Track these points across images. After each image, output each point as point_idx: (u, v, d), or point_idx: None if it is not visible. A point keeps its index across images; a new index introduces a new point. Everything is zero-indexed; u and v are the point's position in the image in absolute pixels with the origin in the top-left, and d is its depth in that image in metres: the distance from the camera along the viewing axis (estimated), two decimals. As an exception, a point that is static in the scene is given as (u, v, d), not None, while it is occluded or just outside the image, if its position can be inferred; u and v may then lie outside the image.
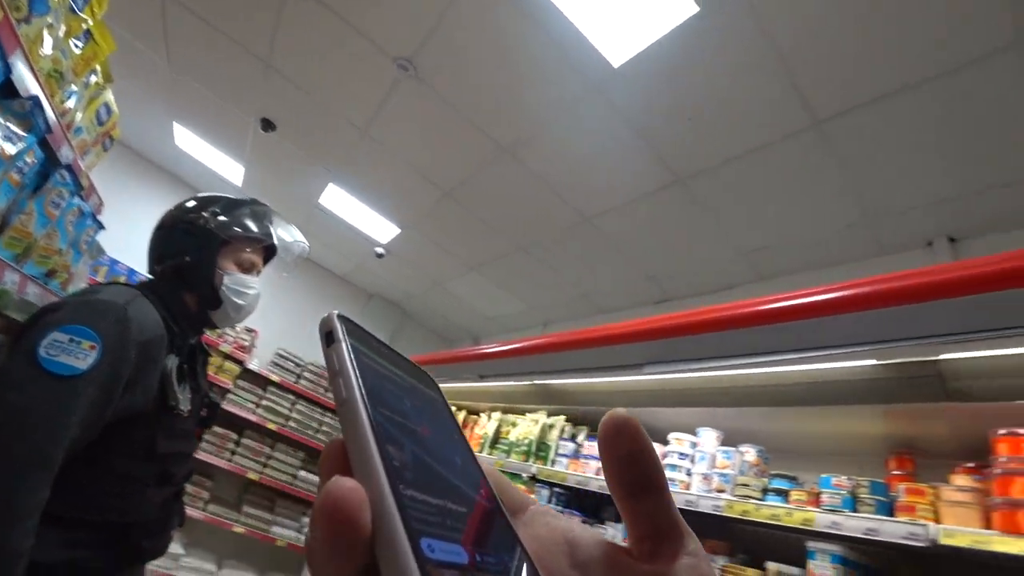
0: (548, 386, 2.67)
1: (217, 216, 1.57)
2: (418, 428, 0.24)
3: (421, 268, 5.26)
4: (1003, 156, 2.55)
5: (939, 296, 1.38)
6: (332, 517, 0.17)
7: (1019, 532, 1.30)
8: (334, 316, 0.24)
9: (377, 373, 0.23)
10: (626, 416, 0.26)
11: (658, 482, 0.26)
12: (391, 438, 0.20)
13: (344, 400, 0.20)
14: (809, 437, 2.08)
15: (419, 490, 0.20)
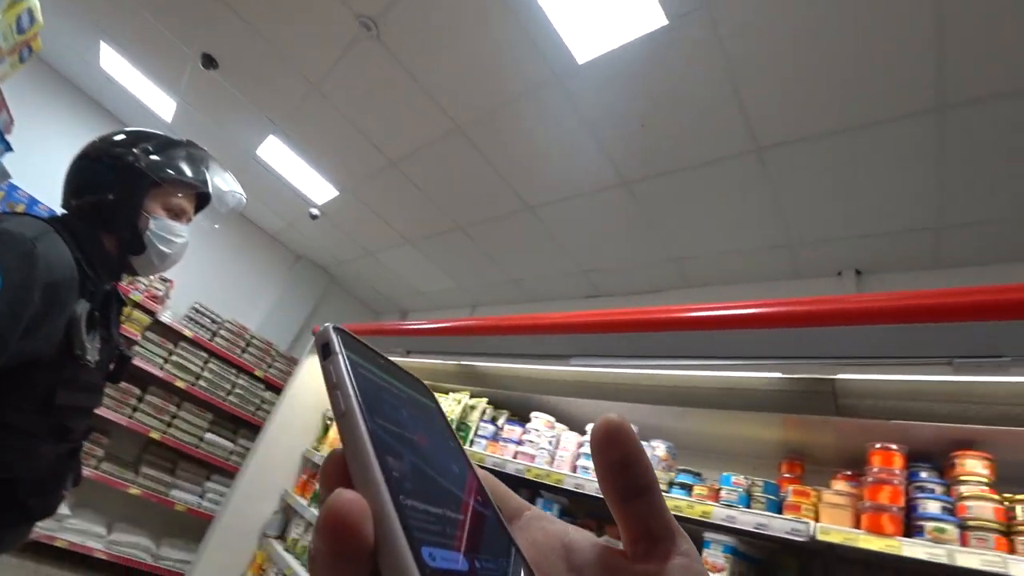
0: (474, 368, 2.69)
1: (149, 154, 1.46)
2: (415, 438, 0.24)
3: (355, 235, 5.13)
4: (910, 206, 2.82)
5: (840, 323, 1.53)
6: (336, 529, 0.18)
7: (882, 532, 1.47)
8: (330, 329, 0.24)
9: (374, 384, 0.24)
10: (618, 422, 0.26)
11: (650, 485, 0.26)
12: (390, 449, 0.21)
13: (343, 413, 0.21)
14: (714, 437, 2.24)
15: (419, 499, 0.20)
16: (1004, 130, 2.34)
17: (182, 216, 1.55)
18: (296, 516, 3.49)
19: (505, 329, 2.22)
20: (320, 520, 0.18)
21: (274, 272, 6.16)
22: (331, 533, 0.18)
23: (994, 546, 1.40)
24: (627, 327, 1.85)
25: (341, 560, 0.18)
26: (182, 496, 4.68)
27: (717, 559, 1.71)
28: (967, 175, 2.59)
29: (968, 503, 1.49)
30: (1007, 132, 2.34)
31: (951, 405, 1.59)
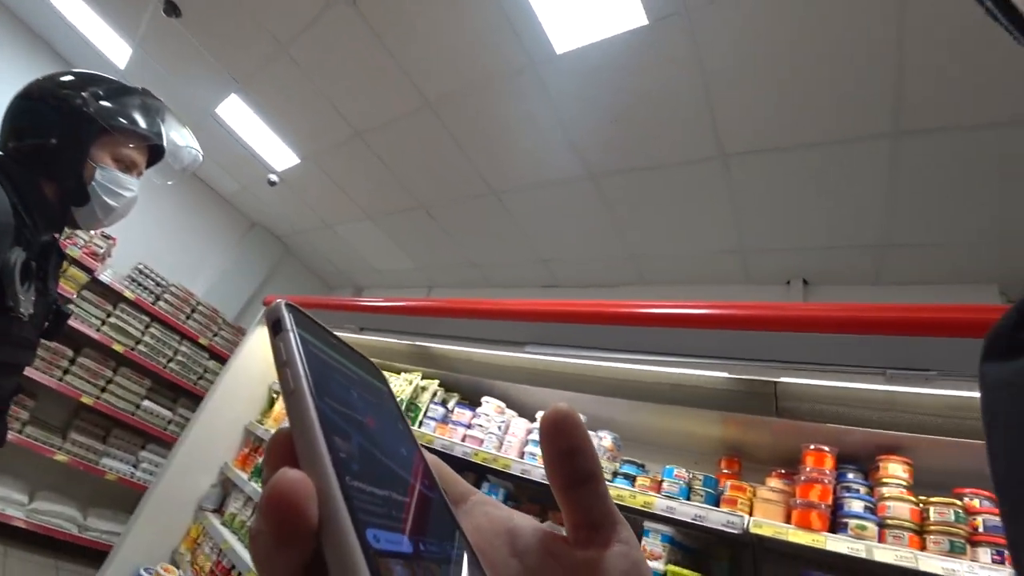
0: (428, 349, 2.68)
1: (100, 99, 1.37)
2: (364, 419, 0.24)
3: (314, 205, 4.99)
4: (857, 223, 2.96)
5: (785, 329, 1.61)
6: (280, 508, 0.17)
7: (810, 527, 1.56)
8: (282, 305, 0.23)
9: (324, 363, 0.23)
10: (566, 411, 0.27)
11: (595, 474, 0.27)
12: (338, 429, 0.20)
13: (292, 391, 0.20)
14: (659, 431, 2.31)
15: (365, 481, 0.20)
16: (951, 161, 2.47)
17: (132, 169, 1.46)
18: (235, 490, 3.40)
19: (462, 312, 2.21)
20: (263, 499, 0.18)
21: (226, 237, 5.93)
22: (274, 512, 0.17)
23: (908, 543, 1.51)
24: (583, 319, 1.87)
25: (283, 540, 0.18)
26: (114, 465, 4.47)
27: (655, 547, 1.78)
28: (914, 199, 2.73)
29: (888, 503, 1.59)
30: (954, 164, 2.48)
31: (881, 412, 1.69)
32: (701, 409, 1.93)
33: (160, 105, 1.55)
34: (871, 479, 1.75)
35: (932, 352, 1.44)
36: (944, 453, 1.72)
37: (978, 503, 1.57)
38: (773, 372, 1.66)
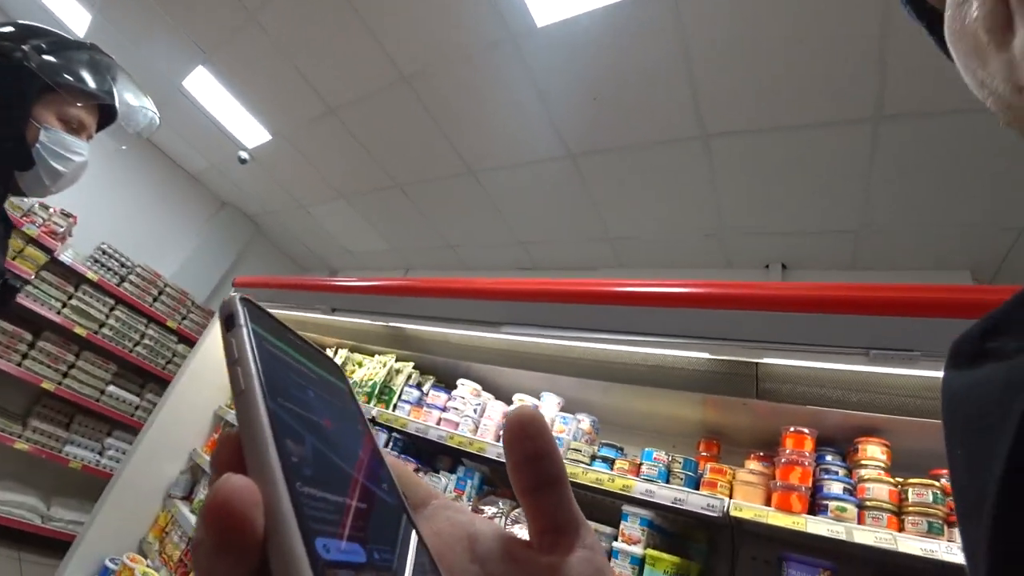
0: (402, 331, 2.60)
1: (43, 54, 1.26)
2: (321, 420, 0.23)
3: (286, 184, 4.84)
4: (836, 208, 2.96)
5: (767, 308, 1.58)
6: (221, 517, 0.16)
7: (790, 510, 1.54)
8: (236, 299, 0.22)
9: (280, 362, 0.22)
10: (532, 414, 0.27)
11: (559, 478, 0.27)
12: (290, 432, 0.19)
13: (241, 391, 0.19)
14: (637, 414, 2.27)
15: (317, 487, 0.19)
16: (932, 147, 2.47)
17: (81, 131, 1.36)
18: (205, 476, 3.31)
19: (437, 292, 2.14)
20: (204, 507, 0.17)
21: (195, 217, 5.73)
22: (216, 522, 0.16)
23: (887, 524, 1.50)
24: (561, 298, 1.82)
25: (226, 551, 0.16)
26: (78, 453, 4.32)
27: (634, 531, 1.75)
28: (892, 185, 2.73)
29: (868, 485, 1.58)
30: (934, 149, 2.48)
31: (861, 394, 1.67)
32: (681, 391, 1.89)
33: (111, 62, 1.43)
34: (849, 461, 1.75)
35: (915, 332, 1.42)
36: (921, 435, 1.71)
37: (954, 484, 1.57)
38: (755, 353, 1.63)
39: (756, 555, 1.95)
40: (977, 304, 1.37)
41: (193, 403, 3.49)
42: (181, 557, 3.02)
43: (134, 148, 5.13)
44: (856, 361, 1.49)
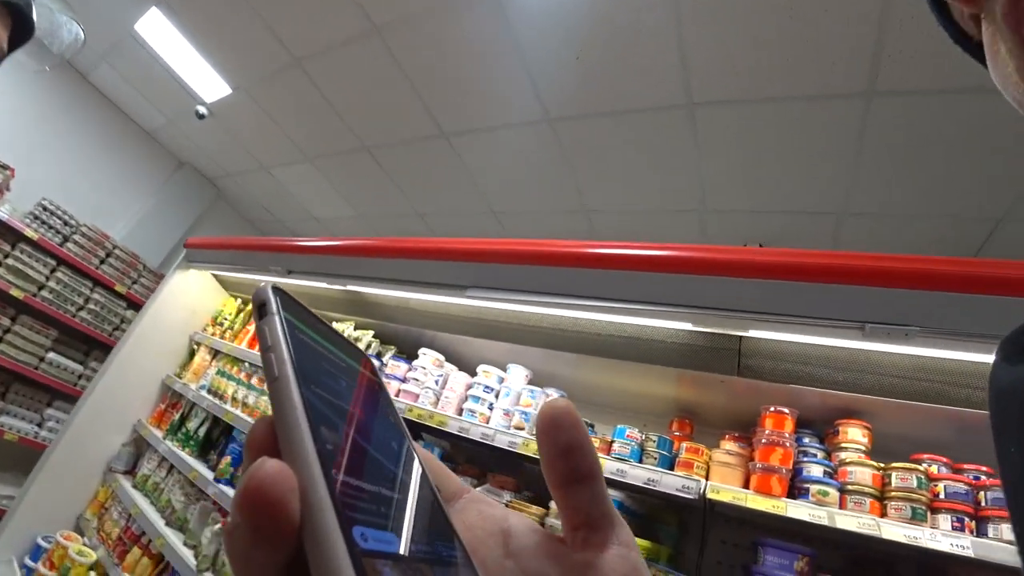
0: (361, 296, 2.42)
1: None
2: (353, 410, 0.23)
3: (248, 144, 4.55)
4: (819, 189, 2.88)
5: (753, 275, 1.46)
6: (257, 503, 0.16)
7: (770, 493, 1.44)
8: (268, 288, 0.22)
9: (312, 351, 0.22)
10: (565, 405, 0.26)
11: (593, 473, 0.26)
12: (325, 419, 0.19)
13: (276, 377, 0.19)
14: (606, 390, 2.16)
15: (352, 475, 0.19)
16: (922, 128, 2.39)
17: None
18: (149, 450, 3.11)
19: (400, 252, 1.96)
20: (239, 492, 0.16)
21: (150, 177, 5.38)
22: (251, 507, 0.16)
23: (869, 509, 1.41)
24: (531, 259, 1.67)
25: (261, 538, 0.16)
26: (14, 424, 4.04)
27: (602, 513, 1.63)
28: (879, 166, 2.65)
29: (850, 468, 1.49)
30: (924, 131, 2.40)
31: (847, 373, 1.57)
32: (657, 366, 1.77)
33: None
34: (828, 444, 1.67)
35: (914, 306, 1.32)
36: (903, 418, 1.64)
37: (936, 469, 1.50)
38: (740, 325, 1.51)
39: (727, 539, 1.86)
40: (980, 278, 1.27)
41: (139, 371, 3.27)
42: (120, 535, 2.83)
43: (82, 98, 4.77)
44: (851, 336, 1.39)
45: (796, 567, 1.41)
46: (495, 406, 1.97)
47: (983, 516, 1.37)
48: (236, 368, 3.01)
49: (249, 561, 0.17)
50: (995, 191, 2.60)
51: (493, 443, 1.78)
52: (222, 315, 3.44)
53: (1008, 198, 2.61)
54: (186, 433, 2.95)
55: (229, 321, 3.33)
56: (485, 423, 1.93)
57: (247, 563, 0.17)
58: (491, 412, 1.97)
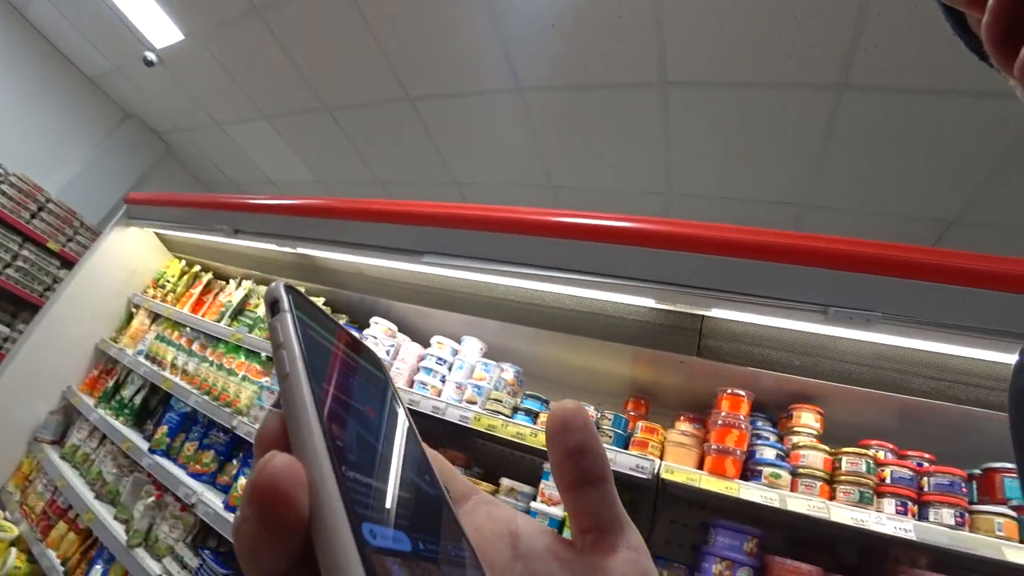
0: (313, 260, 2.30)
1: None
2: (364, 408, 0.23)
3: (200, 97, 4.27)
4: (784, 179, 2.89)
5: (717, 252, 1.43)
6: (266, 497, 0.16)
7: (724, 474, 1.42)
8: (280, 286, 0.22)
9: (323, 349, 0.22)
10: (575, 407, 0.26)
11: (603, 476, 0.26)
12: (335, 417, 0.19)
13: (287, 374, 0.19)
14: (562, 367, 2.12)
15: (362, 473, 0.19)
16: (889, 124, 2.41)
17: None
18: (80, 418, 2.93)
19: (354, 214, 1.85)
20: (249, 486, 0.17)
21: (92, 127, 5.01)
22: (261, 501, 0.16)
23: (819, 493, 1.41)
24: (491, 226, 1.60)
25: (270, 532, 0.16)
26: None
27: (555, 492, 1.60)
28: (844, 161, 2.68)
29: (802, 452, 1.49)
30: (891, 126, 2.42)
31: (806, 357, 1.57)
32: (616, 343, 1.73)
33: None
34: (781, 428, 1.67)
35: (877, 292, 1.31)
36: (855, 405, 1.65)
37: (883, 455, 1.51)
38: (703, 303, 1.47)
39: (676, 519, 1.86)
40: (945, 268, 1.27)
41: (70, 334, 3.05)
42: (45, 509, 2.66)
43: (16, 35, 4.38)
44: (813, 319, 1.37)
45: (746, 548, 1.40)
46: (448, 379, 1.90)
47: (925, 501, 1.39)
48: (177, 333, 2.84)
49: (258, 556, 0.17)
50: (949, 193, 2.66)
51: (444, 417, 1.72)
52: (164, 277, 3.24)
53: (960, 201, 2.68)
54: (121, 401, 2.78)
55: (172, 284, 3.14)
56: (437, 396, 1.86)
57: (256, 558, 0.17)
58: (443, 385, 1.90)
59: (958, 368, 1.44)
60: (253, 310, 2.60)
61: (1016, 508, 1.32)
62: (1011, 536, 1.26)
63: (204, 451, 2.30)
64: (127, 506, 2.33)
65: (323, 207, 1.96)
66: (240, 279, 2.83)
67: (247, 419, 2.13)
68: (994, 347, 1.28)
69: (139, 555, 2.10)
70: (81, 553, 2.44)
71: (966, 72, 2.07)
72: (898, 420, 1.66)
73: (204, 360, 2.53)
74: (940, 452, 1.53)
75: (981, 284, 1.23)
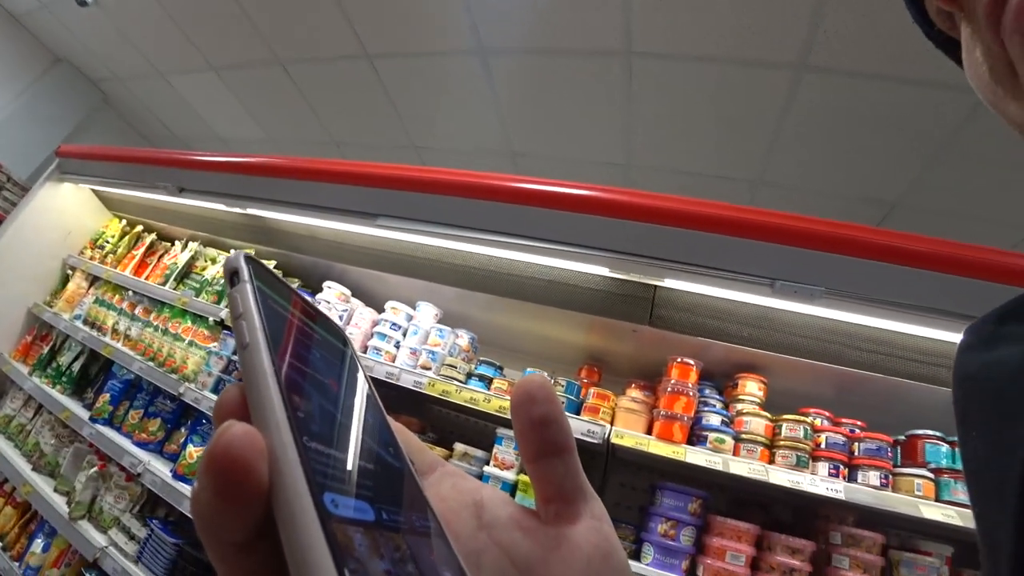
0: (263, 221, 2.21)
1: None
2: (325, 380, 0.23)
3: (141, 43, 3.97)
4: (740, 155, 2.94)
5: (674, 224, 1.45)
6: (224, 465, 0.16)
7: (671, 439, 1.47)
8: (240, 256, 0.22)
9: (285, 320, 0.22)
10: (540, 380, 0.27)
11: (567, 447, 0.26)
12: (296, 387, 0.19)
13: (246, 344, 0.19)
14: (517, 334, 2.13)
15: (324, 443, 0.19)
16: (842, 107, 2.47)
17: None
18: (13, 387, 2.78)
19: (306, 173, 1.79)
20: (206, 455, 0.16)
21: (17, 71, 4.61)
22: (218, 470, 0.16)
23: (759, 457, 1.48)
24: (448, 189, 1.58)
25: (228, 502, 0.16)
26: None
27: (507, 456, 1.64)
28: (798, 140, 2.74)
29: (745, 419, 1.55)
30: (844, 109, 2.48)
31: (753, 329, 1.62)
32: (571, 312, 1.74)
33: None
34: (727, 396, 1.74)
35: (822, 267, 1.36)
36: (796, 375, 1.73)
37: (819, 422, 1.59)
38: (656, 273, 1.50)
39: (625, 482, 1.92)
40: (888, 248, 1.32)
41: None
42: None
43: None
44: (760, 292, 1.41)
45: (690, 508, 1.47)
46: (402, 344, 1.89)
47: (855, 464, 1.48)
48: (118, 297, 2.71)
49: (216, 527, 0.16)
50: (893, 177, 2.77)
51: (398, 382, 1.71)
52: (104, 237, 3.06)
53: (903, 185, 2.79)
54: (57, 368, 2.64)
55: (112, 244, 2.97)
56: (391, 362, 1.85)
57: (214, 529, 0.17)
58: (397, 351, 1.89)
59: (894, 342, 1.52)
60: (200, 272, 2.50)
61: (935, 471, 1.43)
62: (928, 496, 1.37)
63: (150, 419, 2.22)
64: (68, 478, 2.25)
65: (273, 166, 1.88)
66: (186, 240, 2.70)
67: (194, 385, 2.06)
68: (929, 323, 1.36)
69: (83, 527, 2.04)
70: (20, 527, 2.36)
71: (917, 61, 2.13)
72: (835, 390, 1.75)
73: (148, 325, 2.43)
74: (870, 420, 1.62)
75: (920, 264, 1.29)
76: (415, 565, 0.19)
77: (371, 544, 0.17)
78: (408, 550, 0.20)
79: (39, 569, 2.14)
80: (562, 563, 0.24)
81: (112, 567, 1.87)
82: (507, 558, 0.25)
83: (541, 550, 0.25)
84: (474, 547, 0.25)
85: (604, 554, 0.25)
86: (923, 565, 1.38)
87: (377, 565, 0.17)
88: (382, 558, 0.17)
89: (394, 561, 0.18)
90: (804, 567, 1.39)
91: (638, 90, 2.75)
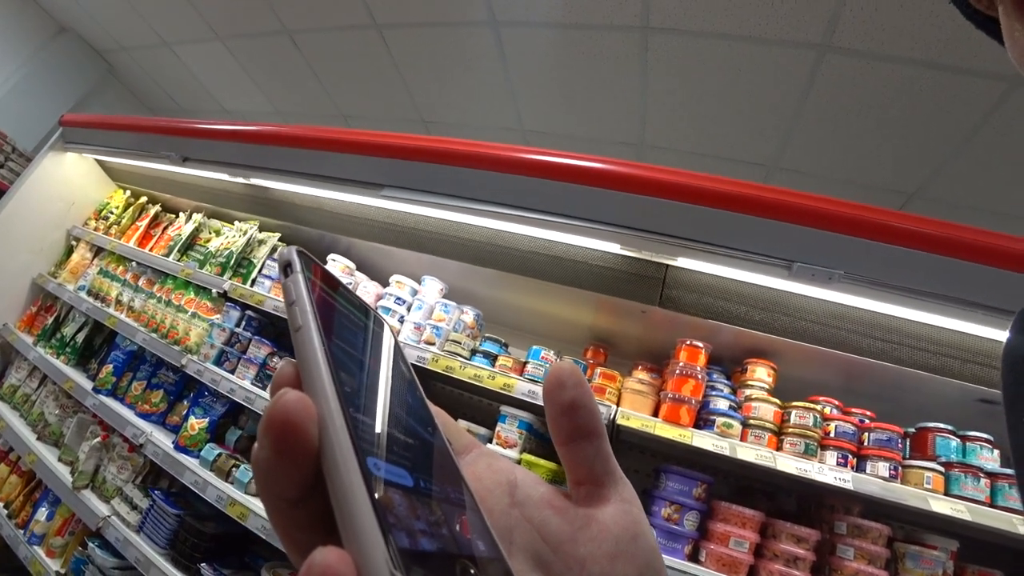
0: (267, 192, 2.17)
1: None
2: (368, 360, 0.25)
3: (147, 12, 3.90)
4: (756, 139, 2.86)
5: (686, 199, 1.41)
6: (279, 425, 0.18)
7: (678, 422, 1.45)
8: (293, 250, 0.24)
9: (332, 307, 0.24)
10: (570, 367, 0.27)
11: (596, 430, 0.27)
12: (343, 366, 0.21)
13: (299, 327, 0.21)
14: (522, 312, 2.10)
15: (368, 416, 0.20)
16: (865, 91, 2.39)
17: None
18: (18, 357, 2.78)
19: (311, 142, 1.74)
20: (265, 418, 0.18)
21: (20, 41, 4.55)
22: (274, 430, 0.18)
23: (767, 443, 1.45)
24: (455, 159, 1.53)
25: (282, 459, 0.18)
26: None
27: (511, 434, 1.62)
28: (818, 126, 2.66)
29: (754, 404, 1.52)
30: (867, 93, 2.40)
31: (765, 313, 1.58)
32: (579, 289, 1.70)
33: None
34: (735, 380, 1.70)
35: (842, 250, 1.32)
36: (807, 362, 1.69)
37: (829, 410, 1.56)
38: (669, 251, 1.45)
39: (630, 465, 1.90)
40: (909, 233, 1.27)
41: (4, 268, 2.86)
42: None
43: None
44: (777, 274, 1.37)
45: (695, 493, 1.44)
46: (406, 319, 1.86)
47: (864, 454, 1.45)
48: (122, 268, 2.69)
49: (272, 482, 0.18)
50: (914, 166, 2.69)
51: (402, 358, 1.68)
52: (108, 208, 3.04)
53: (923, 175, 2.72)
54: (62, 339, 2.64)
55: (116, 215, 2.95)
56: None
57: (270, 484, 0.18)
58: (401, 325, 1.86)
59: (906, 331, 1.48)
60: (204, 244, 2.47)
61: (944, 464, 1.40)
62: (937, 489, 1.34)
63: (153, 390, 2.22)
64: (71, 447, 2.26)
65: (278, 134, 1.83)
66: (191, 212, 2.67)
67: (197, 357, 2.05)
68: (945, 312, 1.31)
69: (86, 496, 2.05)
70: (25, 496, 2.37)
71: (947, 46, 2.06)
72: (844, 378, 1.71)
73: (151, 296, 2.41)
74: (880, 410, 1.59)
75: (944, 251, 1.24)
76: (448, 530, 0.20)
77: (409, 505, 0.19)
78: (443, 516, 0.21)
79: (43, 537, 2.16)
80: (591, 542, 0.25)
81: (115, 536, 1.88)
82: (538, 535, 0.26)
83: (571, 528, 0.26)
84: (507, 523, 0.26)
85: (632, 535, 0.26)
86: (929, 559, 1.36)
87: (413, 523, 0.18)
88: (418, 519, 0.19)
89: (430, 523, 0.19)
90: (808, 556, 1.37)
91: (654, 68, 2.67)
